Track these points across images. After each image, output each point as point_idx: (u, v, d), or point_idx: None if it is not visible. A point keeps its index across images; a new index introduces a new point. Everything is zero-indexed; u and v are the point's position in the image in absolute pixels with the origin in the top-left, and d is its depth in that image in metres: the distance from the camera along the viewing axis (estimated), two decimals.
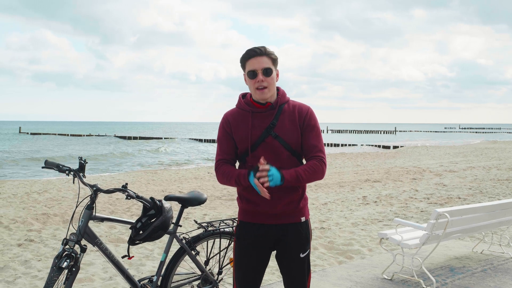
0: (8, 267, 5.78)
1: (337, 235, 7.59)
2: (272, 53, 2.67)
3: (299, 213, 2.74)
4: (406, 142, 58.98)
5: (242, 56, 2.70)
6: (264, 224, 2.71)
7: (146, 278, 3.71)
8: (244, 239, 2.76)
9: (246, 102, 2.75)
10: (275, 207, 2.66)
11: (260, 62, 2.63)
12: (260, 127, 2.68)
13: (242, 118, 2.72)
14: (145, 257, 6.25)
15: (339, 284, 4.77)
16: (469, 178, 15.77)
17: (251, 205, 2.71)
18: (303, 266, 2.77)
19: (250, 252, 2.75)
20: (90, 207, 3.35)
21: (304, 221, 2.76)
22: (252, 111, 2.70)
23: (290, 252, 2.74)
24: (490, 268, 5.31)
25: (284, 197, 2.65)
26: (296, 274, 2.77)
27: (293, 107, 2.73)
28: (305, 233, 2.76)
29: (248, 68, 2.65)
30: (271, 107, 2.70)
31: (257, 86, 2.64)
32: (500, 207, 5.38)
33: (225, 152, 2.74)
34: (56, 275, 3.14)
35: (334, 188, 13.65)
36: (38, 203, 11.17)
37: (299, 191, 2.71)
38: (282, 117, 2.69)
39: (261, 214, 2.70)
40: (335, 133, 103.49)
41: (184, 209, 3.76)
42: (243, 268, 2.78)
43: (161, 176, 18.78)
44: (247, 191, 2.70)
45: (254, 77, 2.63)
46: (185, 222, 8.52)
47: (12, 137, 71.61)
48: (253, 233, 2.73)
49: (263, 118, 2.69)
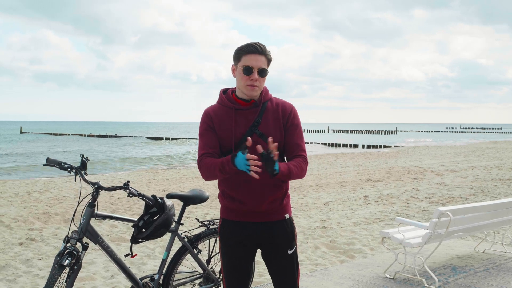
0: (10, 266, 5.78)
1: (338, 234, 7.58)
2: (269, 53, 2.62)
3: (282, 211, 2.71)
4: (409, 142, 58.93)
5: (239, 48, 2.60)
6: (249, 222, 2.67)
7: (148, 276, 3.70)
8: (229, 238, 2.71)
9: (228, 98, 2.67)
10: (261, 205, 2.62)
11: (258, 60, 2.55)
12: (244, 125, 2.61)
13: (224, 114, 2.64)
14: (146, 256, 6.25)
15: (341, 283, 4.76)
16: (471, 177, 15.75)
17: (236, 204, 2.65)
18: (292, 262, 2.74)
19: (236, 251, 2.71)
20: (92, 205, 3.34)
21: (288, 218, 2.74)
22: (235, 108, 2.63)
23: (277, 249, 2.70)
24: (492, 267, 5.30)
25: (269, 194, 2.62)
26: (286, 272, 2.74)
27: (277, 105, 2.68)
28: (290, 229, 2.73)
29: (244, 62, 2.56)
30: (254, 105, 2.64)
31: (250, 84, 2.57)
32: (502, 206, 5.37)
33: (208, 146, 2.62)
34: (58, 273, 3.13)
35: (336, 188, 13.64)
36: (39, 202, 11.17)
37: (283, 189, 2.68)
38: (265, 114, 2.63)
39: (246, 212, 2.65)
40: (336, 133, 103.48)
41: (186, 207, 3.75)
42: (230, 267, 2.74)
43: (162, 175, 18.78)
44: (231, 189, 2.64)
45: (249, 73, 2.55)
46: (187, 220, 8.52)
47: (14, 137, 71.67)
48: (238, 232, 2.68)
49: (247, 115, 2.62)
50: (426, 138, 74.66)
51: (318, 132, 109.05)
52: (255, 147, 2.36)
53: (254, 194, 2.60)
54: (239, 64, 2.59)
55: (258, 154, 2.34)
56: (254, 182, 2.54)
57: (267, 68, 2.60)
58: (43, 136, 78.79)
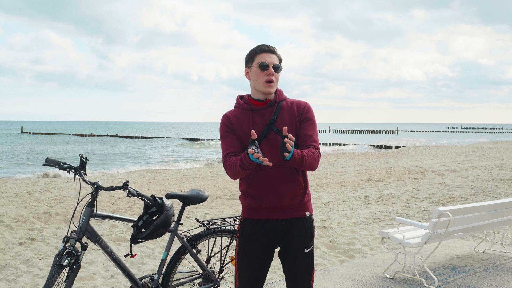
0: (10, 266, 5.79)
1: (338, 234, 7.58)
2: (279, 54, 2.78)
3: (303, 208, 2.76)
4: (408, 141, 58.88)
5: (252, 50, 2.74)
6: (269, 220, 2.72)
7: (147, 276, 3.70)
8: (249, 236, 2.76)
9: (244, 101, 2.79)
10: (281, 201, 2.68)
11: (271, 57, 2.71)
12: (261, 124, 2.71)
13: (242, 116, 2.75)
14: (146, 256, 6.25)
15: (340, 283, 4.76)
16: (471, 177, 15.73)
17: (256, 201, 2.72)
18: (308, 261, 2.77)
19: (255, 249, 2.75)
20: (91, 205, 3.34)
21: (309, 216, 2.79)
22: (252, 108, 2.74)
23: (295, 247, 2.74)
24: (492, 267, 5.29)
25: (289, 190, 2.68)
26: (301, 270, 2.76)
27: (291, 103, 2.79)
28: (309, 228, 2.78)
29: (259, 60, 2.70)
30: (270, 104, 2.74)
31: (267, 79, 2.69)
32: (502, 206, 5.37)
33: (230, 146, 2.73)
34: (57, 273, 3.13)
35: (336, 188, 13.63)
36: (40, 202, 11.18)
37: (303, 185, 2.73)
38: (281, 113, 2.73)
39: (266, 209, 2.71)
40: (337, 133, 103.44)
41: (185, 207, 3.75)
42: (248, 265, 2.77)
43: (162, 175, 18.78)
44: (251, 188, 2.71)
45: (265, 69, 2.68)
46: (186, 220, 8.52)
47: (14, 137, 71.67)
48: (258, 230, 2.73)
49: (263, 115, 2.73)
50: (426, 138, 74.59)
51: (319, 132, 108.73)
52: (271, 145, 2.63)
53: (273, 190, 2.67)
54: (254, 63, 2.73)
55: (252, 141, 2.49)
56: (273, 179, 2.65)
57: (280, 65, 2.75)
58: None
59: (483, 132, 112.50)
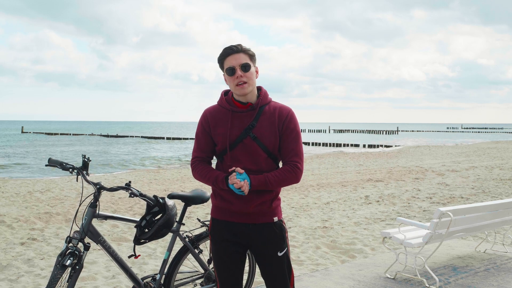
0: (11, 266, 5.80)
1: (339, 234, 7.58)
2: (248, 50, 2.68)
3: (271, 213, 2.73)
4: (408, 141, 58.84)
5: (219, 55, 2.69)
6: (237, 223, 2.71)
7: (149, 276, 3.71)
8: (219, 236, 2.76)
9: (227, 100, 2.74)
10: (248, 207, 2.66)
11: (237, 58, 2.63)
12: (239, 127, 2.67)
13: (221, 116, 2.71)
14: (148, 256, 6.26)
15: (341, 283, 4.77)
16: (472, 177, 15.74)
17: (225, 203, 2.71)
18: (282, 265, 2.75)
19: (226, 249, 2.74)
20: (94, 205, 3.35)
21: (277, 221, 2.75)
22: (232, 110, 2.69)
23: (267, 251, 2.73)
24: (493, 267, 5.30)
25: (257, 197, 2.66)
26: (276, 274, 2.74)
27: (274, 109, 2.72)
28: (279, 232, 2.75)
29: (226, 65, 2.65)
30: (251, 108, 2.69)
31: (236, 83, 2.63)
32: (503, 206, 5.37)
33: (201, 150, 2.76)
34: (60, 273, 3.14)
35: (337, 188, 13.64)
36: (41, 202, 11.19)
37: (273, 192, 2.71)
38: (262, 118, 2.67)
39: (235, 212, 2.70)
40: (337, 133, 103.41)
41: (187, 207, 3.76)
42: (222, 265, 2.77)
43: (163, 175, 18.79)
44: (222, 189, 2.70)
45: (233, 73, 2.62)
46: (188, 221, 8.53)
47: (14, 137, 71.65)
48: (227, 231, 2.73)
49: (243, 118, 2.68)
50: (426, 138, 74.54)
51: (319, 132, 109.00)
52: (237, 159, 2.64)
53: (242, 196, 2.65)
54: (224, 69, 2.68)
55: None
56: None
57: (249, 62, 2.66)
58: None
59: (483, 132, 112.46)
